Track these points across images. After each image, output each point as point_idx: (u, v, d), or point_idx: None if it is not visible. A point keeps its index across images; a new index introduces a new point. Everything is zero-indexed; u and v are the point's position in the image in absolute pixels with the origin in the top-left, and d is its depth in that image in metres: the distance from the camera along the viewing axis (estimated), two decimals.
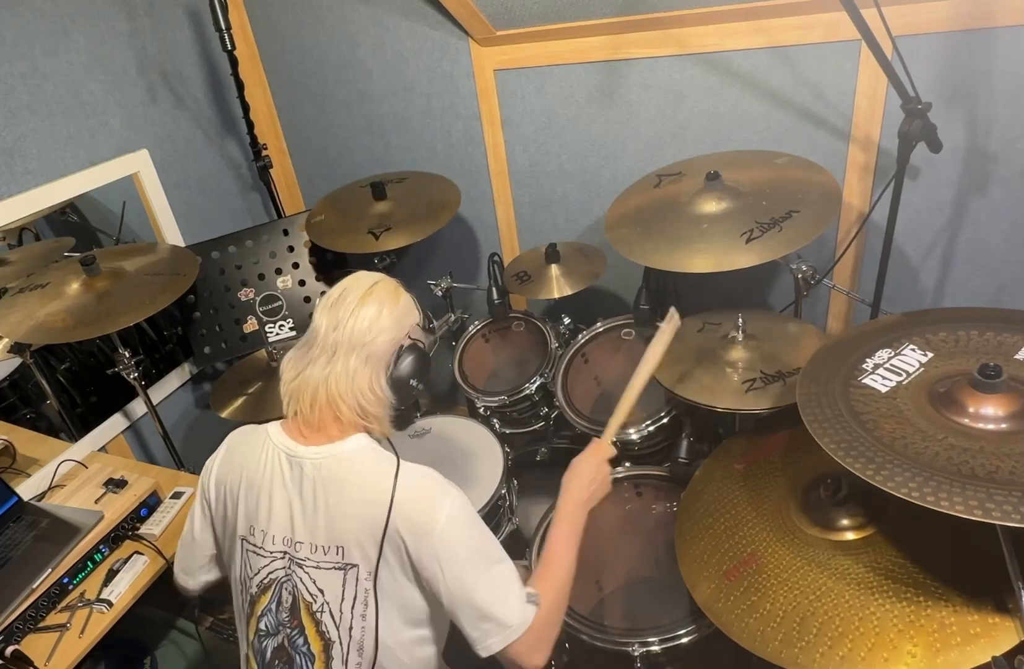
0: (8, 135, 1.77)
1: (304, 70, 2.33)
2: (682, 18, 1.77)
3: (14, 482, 1.79)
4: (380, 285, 1.18)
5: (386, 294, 1.17)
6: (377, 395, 1.15)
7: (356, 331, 1.12)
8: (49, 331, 1.67)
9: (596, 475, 1.31)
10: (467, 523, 1.11)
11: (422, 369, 1.19)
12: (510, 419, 2.04)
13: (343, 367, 1.13)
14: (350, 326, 1.13)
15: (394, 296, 1.18)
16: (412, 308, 1.21)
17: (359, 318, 1.13)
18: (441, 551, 1.07)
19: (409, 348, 1.18)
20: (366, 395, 1.14)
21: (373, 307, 1.14)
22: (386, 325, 1.14)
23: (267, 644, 1.17)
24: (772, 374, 1.54)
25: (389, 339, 1.15)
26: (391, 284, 1.20)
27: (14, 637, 1.43)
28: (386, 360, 1.16)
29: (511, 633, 1.07)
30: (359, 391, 1.13)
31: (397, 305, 1.17)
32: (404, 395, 1.19)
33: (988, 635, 1.01)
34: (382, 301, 1.15)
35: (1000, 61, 1.59)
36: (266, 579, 1.17)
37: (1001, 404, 1.08)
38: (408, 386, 1.18)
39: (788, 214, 1.51)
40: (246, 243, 2.25)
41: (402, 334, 1.17)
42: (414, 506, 1.08)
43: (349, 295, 1.16)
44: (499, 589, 1.10)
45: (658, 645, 1.38)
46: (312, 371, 1.15)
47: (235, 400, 2.06)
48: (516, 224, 2.36)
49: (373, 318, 1.13)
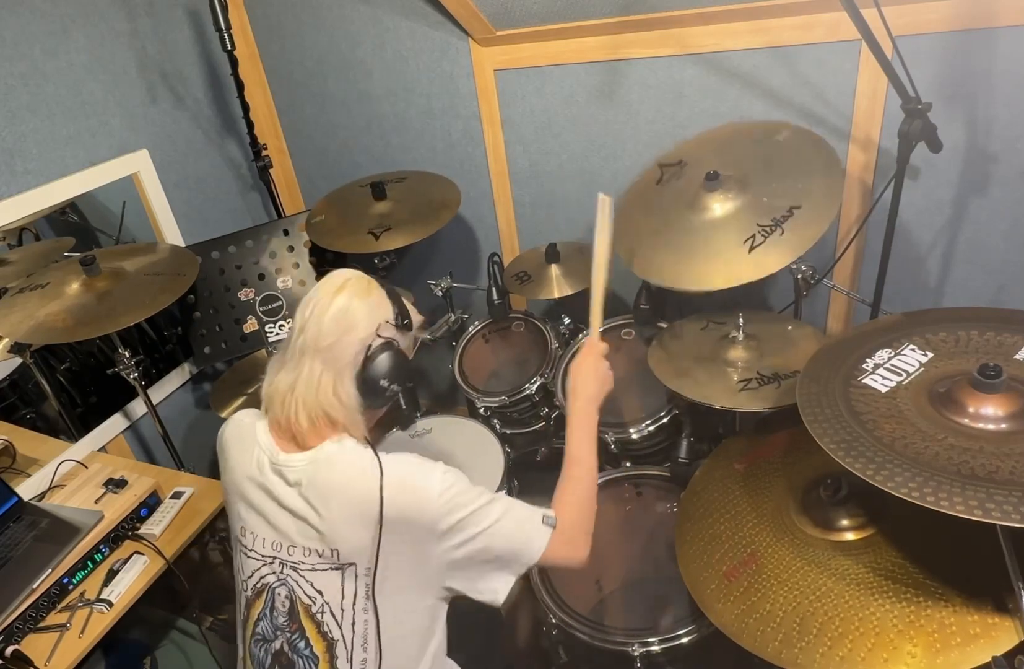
0: (8, 135, 1.77)
1: (304, 70, 2.33)
2: (682, 18, 1.77)
3: (14, 482, 1.79)
4: (350, 283, 1.14)
5: (354, 292, 1.13)
6: (342, 400, 1.12)
7: (319, 334, 1.10)
8: (49, 331, 1.67)
9: (596, 370, 1.33)
10: (459, 493, 1.11)
11: (395, 369, 1.14)
12: (510, 419, 2.04)
13: (309, 371, 1.11)
14: (313, 329, 1.11)
15: (363, 294, 1.13)
16: (382, 305, 1.15)
17: (322, 320, 1.10)
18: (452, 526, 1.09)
19: (380, 347, 1.12)
20: (331, 402, 1.11)
21: (337, 307, 1.11)
22: (349, 324, 1.11)
23: (265, 649, 1.17)
24: (768, 376, 1.53)
25: (354, 340, 1.11)
26: (362, 281, 1.16)
27: (14, 637, 1.43)
28: (352, 362, 1.11)
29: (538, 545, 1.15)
30: (323, 396, 1.11)
31: (365, 302, 1.13)
32: (376, 397, 1.15)
33: (988, 635, 1.01)
34: (348, 300, 1.12)
35: (1000, 61, 1.59)
36: (259, 583, 1.17)
37: (1001, 404, 1.08)
38: (379, 387, 1.13)
39: (790, 212, 1.49)
40: (246, 243, 2.25)
41: (369, 333, 1.12)
42: (405, 498, 1.08)
43: (315, 295, 1.14)
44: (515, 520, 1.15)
45: (658, 645, 1.38)
46: (280, 376, 1.14)
47: (235, 400, 2.06)
48: (516, 224, 2.36)
49: (336, 318, 1.10)
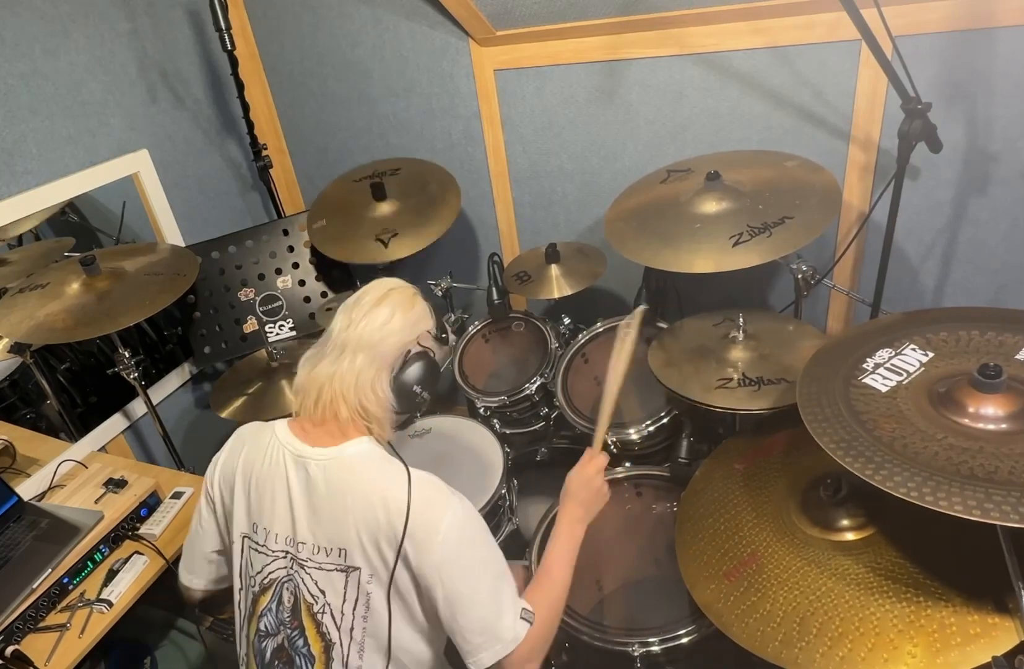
0: (8, 135, 1.77)
1: (304, 70, 2.33)
2: (682, 18, 1.77)
3: (14, 482, 1.79)
4: (397, 290, 1.21)
5: (402, 299, 1.20)
6: (378, 395, 1.16)
7: (366, 331, 1.15)
8: (49, 331, 1.67)
9: (588, 491, 1.33)
10: (468, 534, 1.11)
11: (428, 377, 1.20)
12: (510, 419, 2.04)
13: (349, 365, 1.15)
14: (361, 326, 1.16)
15: (409, 302, 1.21)
16: (426, 316, 1.23)
17: (371, 319, 1.16)
18: (440, 561, 1.07)
19: (418, 354, 1.19)
20: (367, 394, 1.15)
21: (386, 310, 1.17)
22: (396, 328, 1.17)
23: (267, 644, 1.17)
24: (769, 376, 1.53)
25: (397, 342, 1.17)
26: (409, 290, 1.23)
27: (14, 637, 1.43)
28: (392, 362, 1.17)
29: (502, 648, 1.08)
30: (361, 389, 1.15)
31: (411, 310, 1.20)
32: (407, 400, 1.19)
33: (988, 635, 1.01)
34: (396, 305, 1.18)
35: (1000, 61, 1.59)
36: (267, 579, 1.17)
37: (1001, 404, 1.08)
38: (411, 392, 1.19)
39: (781, 220, 1.52)
40: (246, 243, 2.25)
41: (411, 339, 1.19)
42: (419, 517, 1.08)
43: (365, 297, 1.20)
44: (495, 603, 1.10)
45: (658, 645, 1.38)
46: (320, 368, 1.17)
47: (235, 400, 2.05)
48: (516, 224, 2.36)
49: (384, 320, 1.16)
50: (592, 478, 1.34)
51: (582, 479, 1.34)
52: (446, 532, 1.07)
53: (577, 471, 1.36)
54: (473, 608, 1.08)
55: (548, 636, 1.16)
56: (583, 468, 1.36)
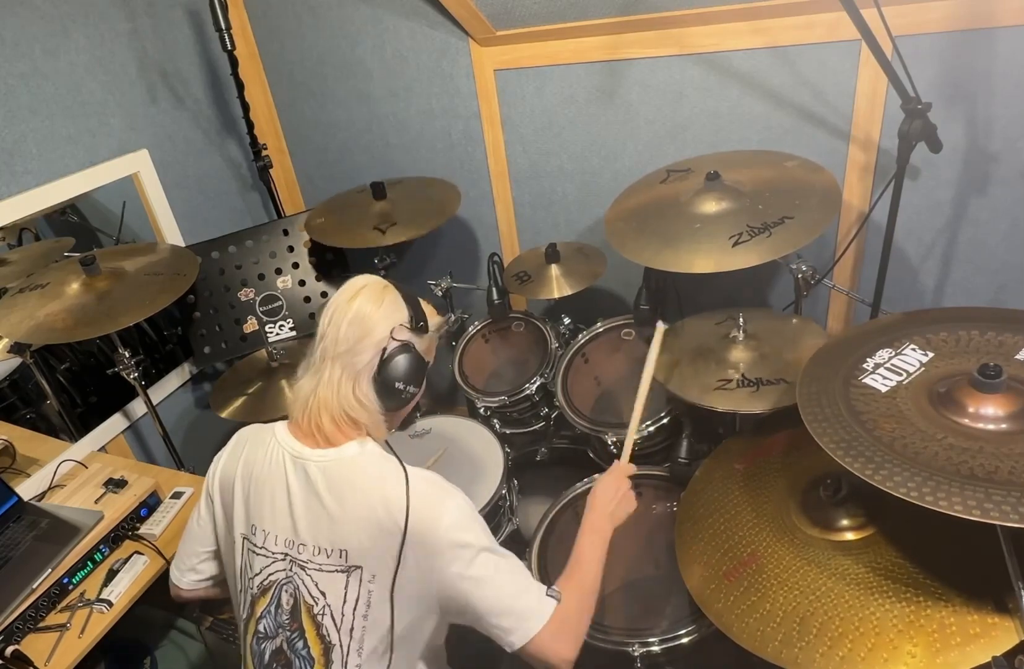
0: (8, 135, 1.77)
1: (304, 70, 2.33)
2: (682, 18, 1.77)
3: (14, 482, 1.79)
4: (366, 289, 1.16)
5: (370, 297, 1.15)
6: (361, 401, 1.14)
7: (337, 339, 1.13)
8: (49, 331, 1.67)
9: (617, 491, 1.36)
10: (471, 525, 1.11)
11: (409, 371, 1.15)
12: (510, 419, 2.04)
13: (329, 376, 1.14)
14: (331, 335, 1.13)
15: (377, 298, 1.15)
16: (398, 308, 1.16)
17: (340, 326, 1.13)
18: (450, 554, 1.07)
19: (396, 350, 1.14)
20: (350, 403, 1.13)
21: (353, 312, 1.13)
22: (365, 330, 1.12)
23: (265, 647, 1.16)
24: (769, 376, 1.53)
25: (369, 343, 1.13)
26: (378, 286, 1.17)
27: (14, 637, 1.43)
28: (368, 365, 1.13)
29: (532, 625, 1.08)
30: (344, 399, 1.13)
31: (379, 308, 1.14)
32: (393, 399, 1.16)
33: (988, 635, 1.01)
34: (363, 304, 1.14)
35: (1000, 61, 1.59)
36: (266, 581, 1.17)
37: (1001, 404, 1.08)
38: (395, 389, 1.15)
39: (781, 220, 1.52)
40: (246, 243, 2.25)
41: (383, 336, 1.13)
42: (420, 514, 1.08)
43: (334, 302, 1.16)
44: (514, 584, 1.11)
45: (658, 645, 1.38)
46: (303, 382, 1.17)
47: (235, 400, 2.05)
48: (516, 224, 2.36)
49: (352, 323, 1.12)
50: (620, 481, 1.38)
51: (610, 479, 1.38)
52: (448, 526, 1.07)
53: (605, 475, 1.40)
54: (494, 592, 1.09)
55: (578, 620, 1.15)
56: (611, 473, 1.40)
